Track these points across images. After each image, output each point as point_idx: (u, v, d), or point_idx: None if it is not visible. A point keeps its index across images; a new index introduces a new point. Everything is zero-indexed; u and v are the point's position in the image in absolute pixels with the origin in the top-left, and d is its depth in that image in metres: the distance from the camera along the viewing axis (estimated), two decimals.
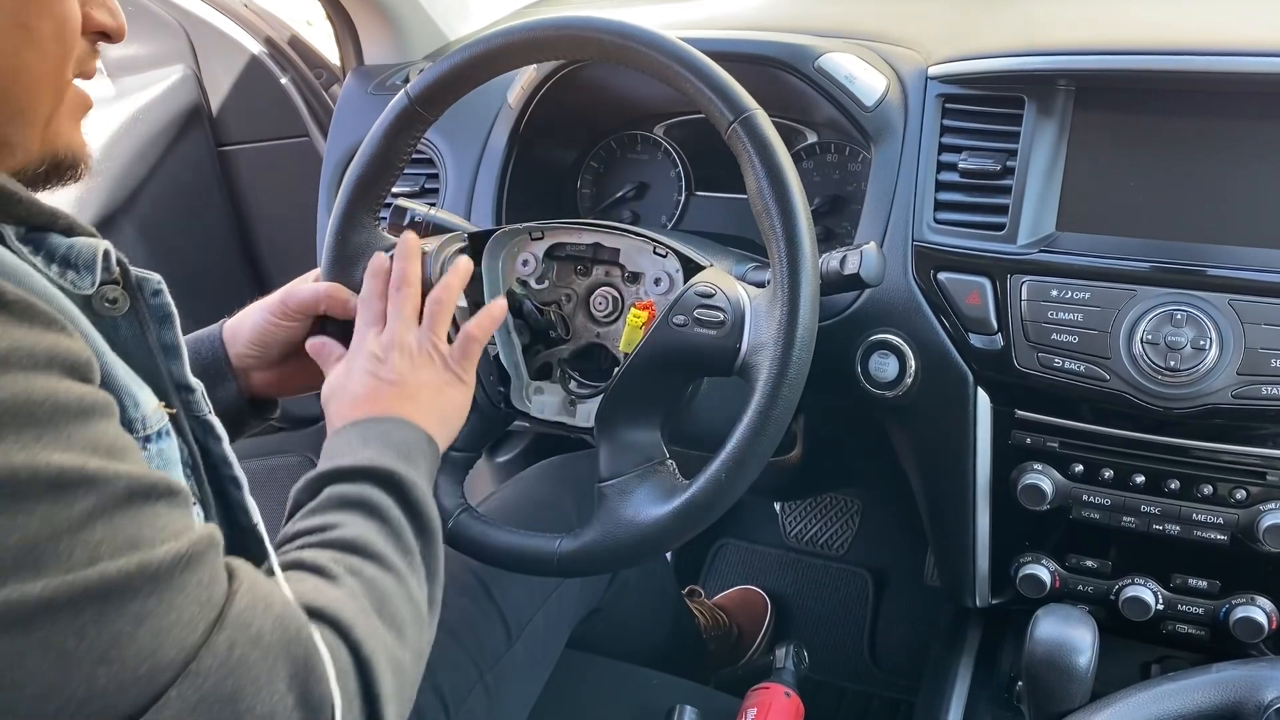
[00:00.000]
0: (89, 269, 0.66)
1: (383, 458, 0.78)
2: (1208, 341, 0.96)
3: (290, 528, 0.75)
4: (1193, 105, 1.03)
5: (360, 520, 0.74)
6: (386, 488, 0.77)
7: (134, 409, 0.64)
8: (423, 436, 0.85)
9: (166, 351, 0.71)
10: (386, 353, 0.89)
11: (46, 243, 0.65)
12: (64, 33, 0.64)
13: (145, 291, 0.70)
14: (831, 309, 1.11)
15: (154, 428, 0.66)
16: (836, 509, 2.03)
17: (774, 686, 1.20)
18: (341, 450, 0.81)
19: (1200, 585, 1.08)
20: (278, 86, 1.73)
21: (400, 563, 0.73)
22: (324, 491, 0.76)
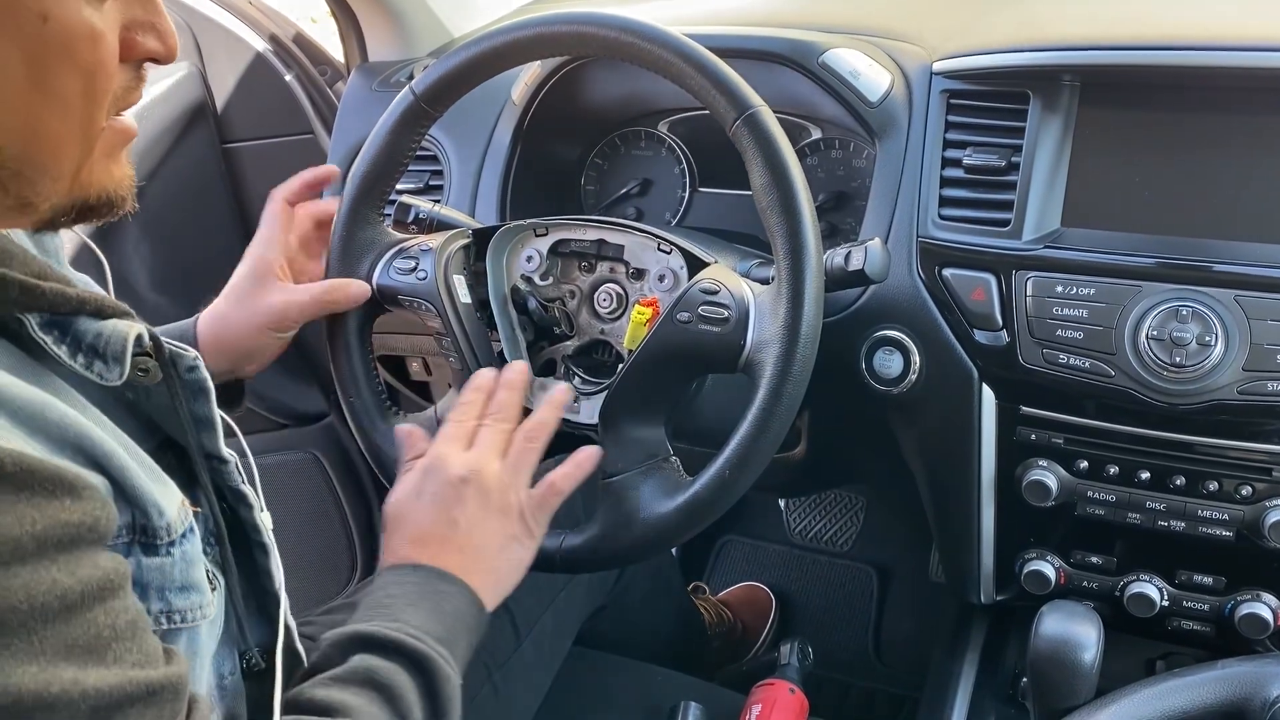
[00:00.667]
0: (118, 360, 0.62)
1: (426, 635, 0.76)
2: (1213, 337, 0.96)
3: (309, 690, 0.72)
4: (1198, 100, 1.03)
5: (376, 709, 0.71)
6: (418, 675, 0.74)
7: (158, 518, 0.61)
8: (474, 608, 0.82)
9: (199, 424, 0.69)
10: (464, 484, 0.86)
11: (74, 328, 0.60)
12: (94, 85, 0.58)
13: (179, 367, 0.67)
14: (836, 305, 1.11)
15: (179, 530, 0.63)
16: (841, 505, 2.03)
17: (779, 683, 1.20)
18: (390, 602, 0.78)
19: (1205, 581, 1.08)
20: (282, 83, 1.73)
21: None
22: (355, 659, 0.74)
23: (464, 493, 0.85)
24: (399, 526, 0.86)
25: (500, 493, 0.87)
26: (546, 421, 0.93)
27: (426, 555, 0.83)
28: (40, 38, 0.55)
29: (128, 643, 0.55)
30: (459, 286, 1.02)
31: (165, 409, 0.66)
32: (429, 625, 0.77)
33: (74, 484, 0.53)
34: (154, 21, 0.63)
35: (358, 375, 1.03)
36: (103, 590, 0.54)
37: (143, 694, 0.55)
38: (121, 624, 0.55)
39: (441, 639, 0.77)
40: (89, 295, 0.61)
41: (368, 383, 1.04)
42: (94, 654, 0.53)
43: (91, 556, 0.54)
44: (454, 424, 0.91)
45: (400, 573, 0.82)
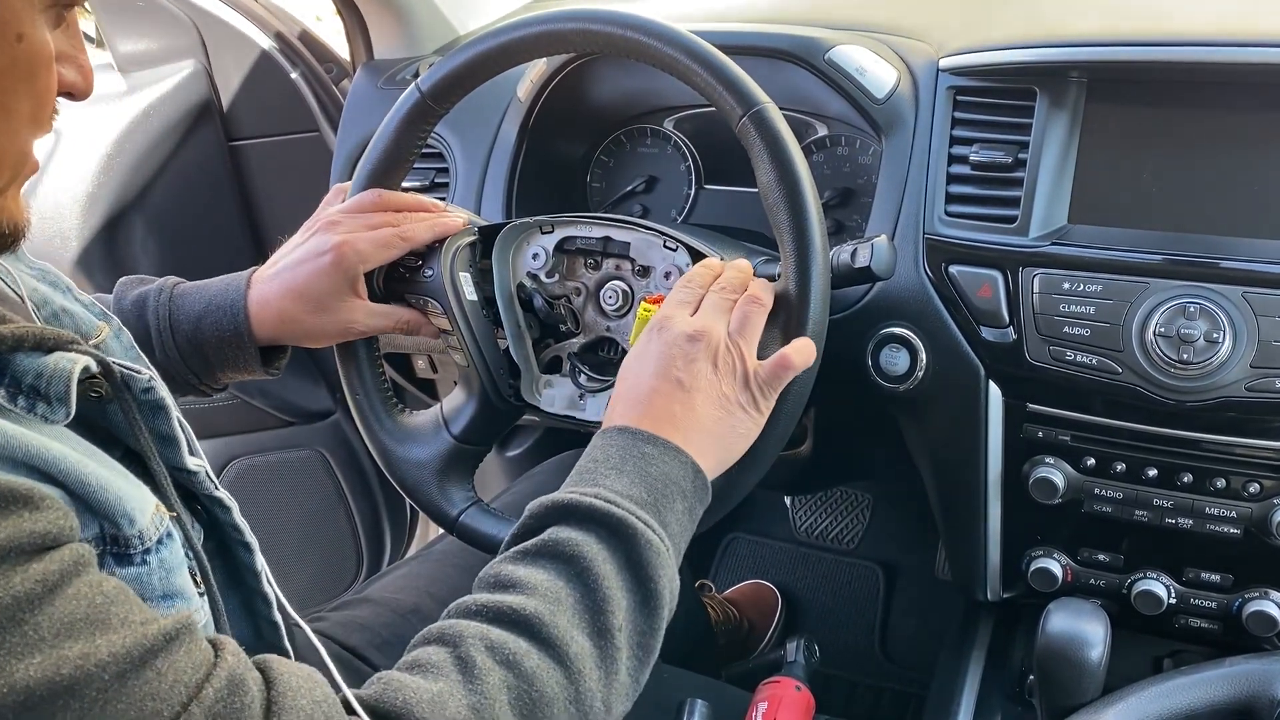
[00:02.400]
0: (62, 401, 0.59)
1: (625, 499, 0.72)
2: (1221, 334, 0.96)
3: (498, 563, 0.70)
4: (1206, 97, 1.02)
5: (561, 586, 0.68)
6: (614, 542, 0.70)
7: (129, 526, 0.60)
8: (686, 470, 0.78)
9: (161, 441, 0.67)
10: (691, 343, 0.81)
11: (12, 368, 0.58)
12: (41, 111, 0.59)
13: (134, 390, 0.66)
14: (842, 302, 1.11)
15: (154, 538, 0.62)
16: (847, 503, 2.03)
17: (785, 680, 1.20)
18: (596, 466, 0.76)
19: (1213, 579, 1.08)
20: (288, 81, 1.73)
21: (585, 652, 0.66)
22: (549, 530, 0.71)
23: (691, 351, 0.81)
24: (622, 385, 0.83)
25: (728, 354, 0.82)
26: (762, 299, 0.87)
27: (641, 417, 0.79)
28: (11, 57, 0.55)
29: (125, 605, 0.54)
30: (465, 284, 1.02)
31: (123, 427, 0.65)
32: (631, 490, 0.73)
33: (29, 496, 0.52)
34: (76, 55, 0.63)
35: (364, 373, 1.03)
36: (78, 566, 0.53)
37: (161, 643, 0.54)
38: (110, 589, 0.54)
39: (644, 503, 0.73)
40: (24, 331, 0.58)
41: (374, 380, 1.04)
42: (96, 623, 0.52)
43: (58, 551, 0.53)
44: (680, 288, 0.88)
45: (607, 437, 0.78)
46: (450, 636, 0.65)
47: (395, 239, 0.97)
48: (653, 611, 0.71)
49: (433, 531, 1.98)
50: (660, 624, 0.72)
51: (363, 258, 0.96)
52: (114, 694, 0.51)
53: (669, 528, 0.74)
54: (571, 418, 1.04)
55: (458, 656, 0.63)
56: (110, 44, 1.74)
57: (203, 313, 0.99)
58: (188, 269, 1.78)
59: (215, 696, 0.54)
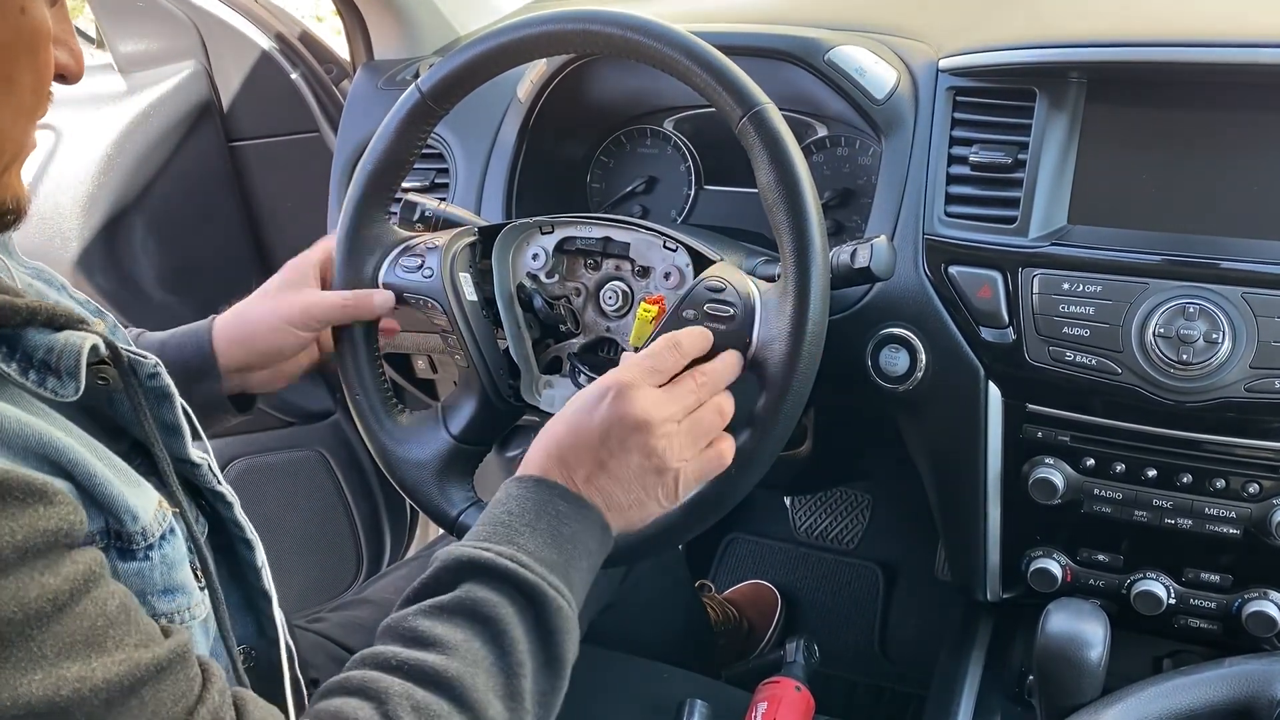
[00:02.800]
0: (72, 375, 0.59)
1: (538, 563, 0.73)
2: (1221, 335, 0.96)
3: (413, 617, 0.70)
4: (1206, 97, 1.02)
5: (478, 649, 0.69)
6: (528, 608, 0.71)
7: (132, 523, 0.61)
8: (597, 530, 0.78)
9: (166, 430, 0.68)
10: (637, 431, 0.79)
11: (23, 343, 0.58)
12: (42, 86, 0.60)
13: (140, 375, 0.66)
14: (842, 303, 1.11)
15: (156, 534, 0.63)
16: (847, 503, 2.03)
17: (785, 680, 1.20)
18: (511, 520, 0.75)
19: (1213, 579, 1.08)
20: (288, 82, 1.73)
21: (499, 715, 0.67)
22: (462, 587, 0.71)
23: (630, 440, 0.80)
24: (554, 432, 0.82)
25: (665, 453, 0.81)
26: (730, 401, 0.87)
27: (560, 474, 0.79)
28: (16, 29, 0.56)
29: (124, 626, 0.55)
30: (465, 284, 1.02)
31: (129, 416, 0.65)
32: (543, 552, 0.74)
33: (44, 491, 0.53)
34: (66, 38, 0.63)
35: (364, 373, 1.03)
36: (88, 582, 0.54)
37: (152, 673, 0.55)
38: (113, 609, 0.55)
39: (554, 566, 0.73)
40: (39, 306, 0.59)
41: (374, 380, 1.04)
42: (94, 645, 0.53)
43: (70, 555, 0.54)
44: (665, 351, 0.85)
45: (524, 486, 0.78)
46: (374, 692, 0.65)
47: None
48: (556, 674, 0.73)
49: (433, 531, 1.98)
50: (562, 685, 0.74)
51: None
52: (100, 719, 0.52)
53: (574, 588, 0.75)
54: None
55: (384, 715, 0.64)
56: (110, 44, 1.75)
57: (167, 338, 0.99)
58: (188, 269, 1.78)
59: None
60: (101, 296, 1.72)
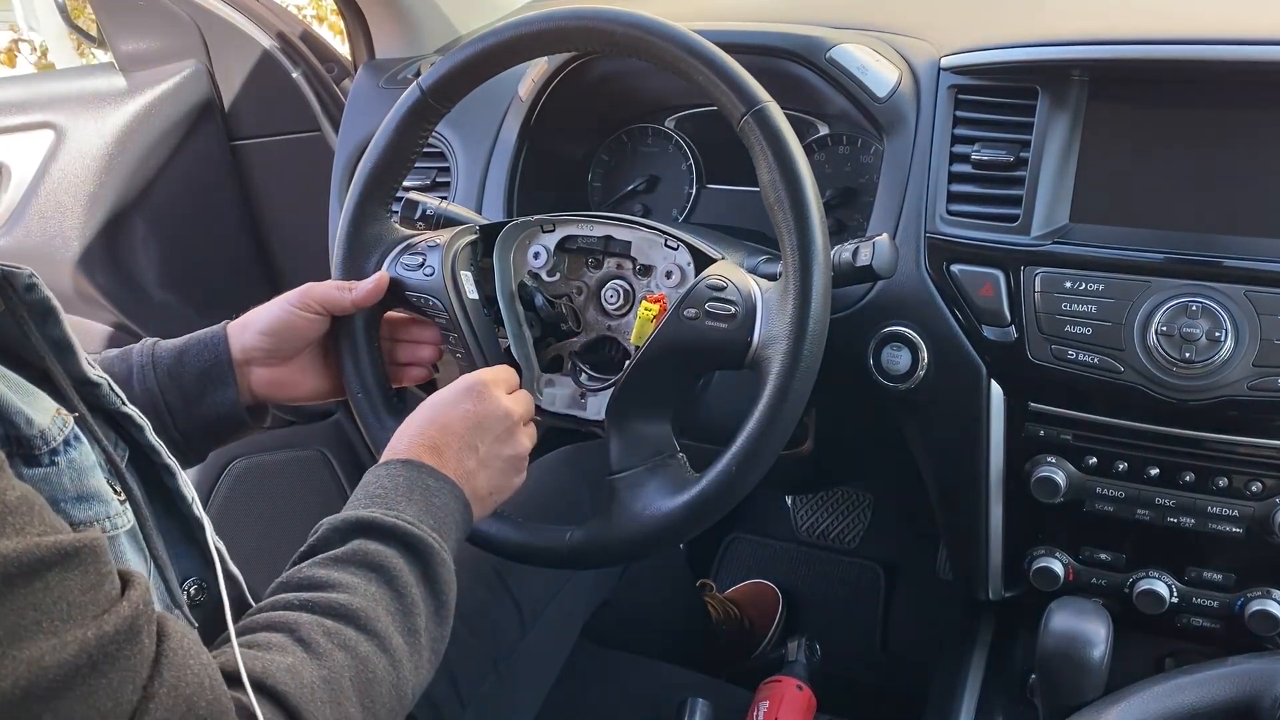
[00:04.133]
0: None
1: (421, 523, 0.78)
2: (1223, 333, 0.96)
3: (308, 569, 0.73)
4: (1207, 95, 1.02)
5: (375, 588, 0.72)
6: (415, 560, 0.76)
7: (27, 427, 0.59)
8: (461, 505, 0.85)
9: (56, 348, 0.66)
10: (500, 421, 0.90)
11: None
12: None
13: (16, 287, 0.64)
14: (843, 301, 1.11)
15: (56, 440, 0.61)
16: (848, 503, 2.03)
17: (786, 679, 1.20)
18: (383, 493, 0.80)
19: (1215, 578, 1.08)
20: (289, 81, 1.73)
21: (400, 645, 0.71)
22: (353, 542, 0.75)
23: (502, 432, 0.90)
24: (420, 423, 0.89)
25: (522, 448, 0.93)
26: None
27: (428, 458, 0.85)
28: None
29: (24, 515, 0.53)
30: (466, 283, 1.02)
31: (17, 339, 0.64)
32: (422, 516, 0.79)
33: None
34: None
35: (364, 372, 1.03)
36: None
37: (55, 557, 0.52)
38: (12, 499, 0.52)
39: (434, 529, 0.79)
40: None
41: (375, 379, 1.04)
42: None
43: None
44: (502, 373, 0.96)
45: (392, 469, 0.84)
46: (284, 624, 0.67)
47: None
48: (443, 620, 0.77)
49: None
50: (448, 631, 0.78)
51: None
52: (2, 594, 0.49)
53: (450, 552, 0.80)
54: (573, 416, 1.04)
55: (298, 639, 0.66)
56: (112, 43, 1.75)
57: (184, 346, 0.99)
58: (189, 268, 1.78)
59: (111, 632, 0.53)
60: (102, 295, 1.72)
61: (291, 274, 1.86)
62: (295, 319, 0.99)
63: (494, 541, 0.98)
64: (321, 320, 1.00)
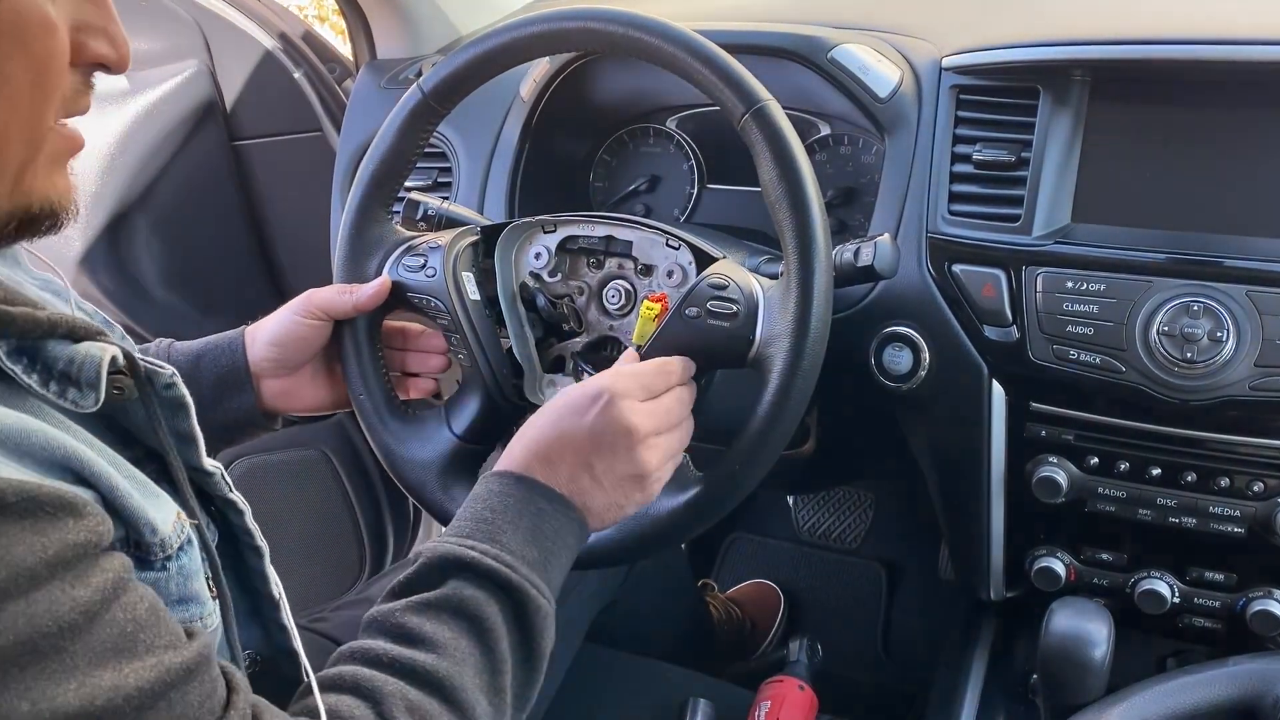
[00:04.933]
0: (92, 387, 0.59)
1: (523, 561, 0.74)
2: (1225, 333, 0.96)
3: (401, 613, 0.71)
4: (1210, 95, 1.02)
5: (465, 647, 0.70)
6: (510, 607, 0.73)
7: (150, 535, 0.61)
8: (576, 528, 0.80)
9: (180, 440, 0.68)
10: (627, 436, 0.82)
11: (43, 355, 0.58)
12: (44, 79, 0.56)
13: (156, 385, 0.66)
14: (845, 301, 1.11)
15: (174, 545, 0.63)
16: (850, 503, 2.03)
17: (788, 679, 1.20)
18: (494, 517, 0.77)
19: (1217, 578, 1.08)
20: (291, 81, 1.73)
21: (485, 712, 0.69)
22: (449, 584, 0.73)
23: (620, 448, 0.82)
24: (539, 430, 0.83)
25: (646, 464, 0.83)
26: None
27: (542, 473, 0.80)
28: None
29: (153, 629, 0.55)
30: (468, 283, 1.02)
31: (144, 426, 0.65)
32: (525, 550, 0.75)
33: (74, 504, 0.53)
34: (106, 26, 0.60)
35: (367, 373, 1.03)
36: (116, 589, 0.54)
37: (181, 676, 0.55)
38: (142, 613, 0.55)
39: (535, 564, 0.75)
40: (60, 318, 0.59)
41: (377, 380, 1.04)
42: (125, 651, 0.53)
43: (99, 563, 0.54)
44: (654, 373, 0.87)
45: (504, 483, 0.80)
46: (369, 691, 0.66)
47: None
48: (533, 669, 0.75)
49: (436, 531, 1.98)
50: (538, 680, 0.76)
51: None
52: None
53: (552, 586, 0.77)
54: None
55: (380, 715, 0.65)
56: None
57: (202, 350, 1.00)
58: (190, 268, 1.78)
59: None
60: (104, 296, 1.72)
61: (293, 274, 1.86)
62: (299, 327, 0.99)
63: None
64: (325, 326, 1.01)
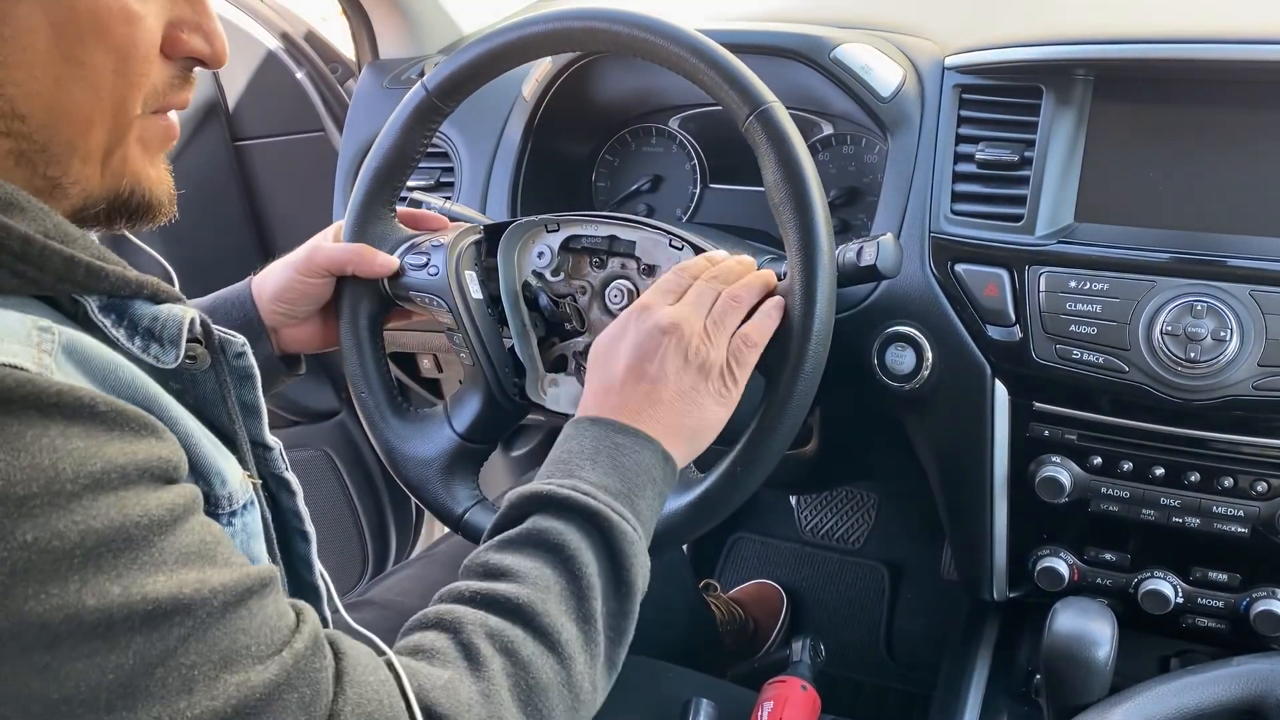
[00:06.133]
0: (174, 343, 0.63)
1: (600, 490, 0.75)
2: (1228, 332, 0.96)
3: (484, 552, 0.73)
4: (1213, 94, 1.02)
5: (549, 575, 0.70)
6: (593, 533, 0.73)
7: (221, 486, 0.63)
8: (659, 460, 0.80)
9: (246, 411, 0.70)
10: (664, 335, 0.83)
11: (130, 312, 0.61)
12: (127, 66, 0.59)
13: (228, 353, 0.68)
14: (848, 301, 1.11)
15: (240, 502, 0.65)
16: (852, 503, 2.03)
17: (791, 680, 1.20)
18: (571, 457, 0.78)
19: (1220, 578, 1.07)
20: (294, 81, 1.73)
21: (573, 637, 0.69)
22: (529, 520, 0.73)
23: (663, 344, 0.83)
24: (594, 373, 0.86)
25: (699, 348, 0.84)
26: (754, 285, 0.89)
27: (610, 407, 0.82)
28: (69, 6, 0.55)
29: (228, 546, 0.58)
30: (470, 282, 1.02)
31: (213, 396, 0.67)
32: (606, 481, 0.76)
33: (157, 427, 0.55)
34: (201, 22, 0.63)
35: (369, 372, 1.04)
36: (195, 504, 0.57)
37: (258, 585, 0.57)
38: (216, 530, 0.58)
39: (618, 494, 0.76)
40: (147, 279, 0.62)
41: (380, 379, 1.04)
42: (207, 557, 0.55)
43: (179, 484, 0.57)
44: (671, 275, 0.90)
45: (579, 427, 0.81)
46: (450, 622, 0.67)
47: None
48: (625, 596, 0.74)
49: (438, 530, 1.98)
50: (633, 609, 0.75)
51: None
52: (218, 622, 0.54)
53: (640, 515, 0.77)
54: None
55: (460, 643, 0.66)
56: None
57: (215, 304, 1.01)
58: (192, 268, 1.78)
59: (301, 650, 0.57)
60: None
61: None
62: (304, 285, 1.00)
63: None
64: (329, 281, 1.02)
